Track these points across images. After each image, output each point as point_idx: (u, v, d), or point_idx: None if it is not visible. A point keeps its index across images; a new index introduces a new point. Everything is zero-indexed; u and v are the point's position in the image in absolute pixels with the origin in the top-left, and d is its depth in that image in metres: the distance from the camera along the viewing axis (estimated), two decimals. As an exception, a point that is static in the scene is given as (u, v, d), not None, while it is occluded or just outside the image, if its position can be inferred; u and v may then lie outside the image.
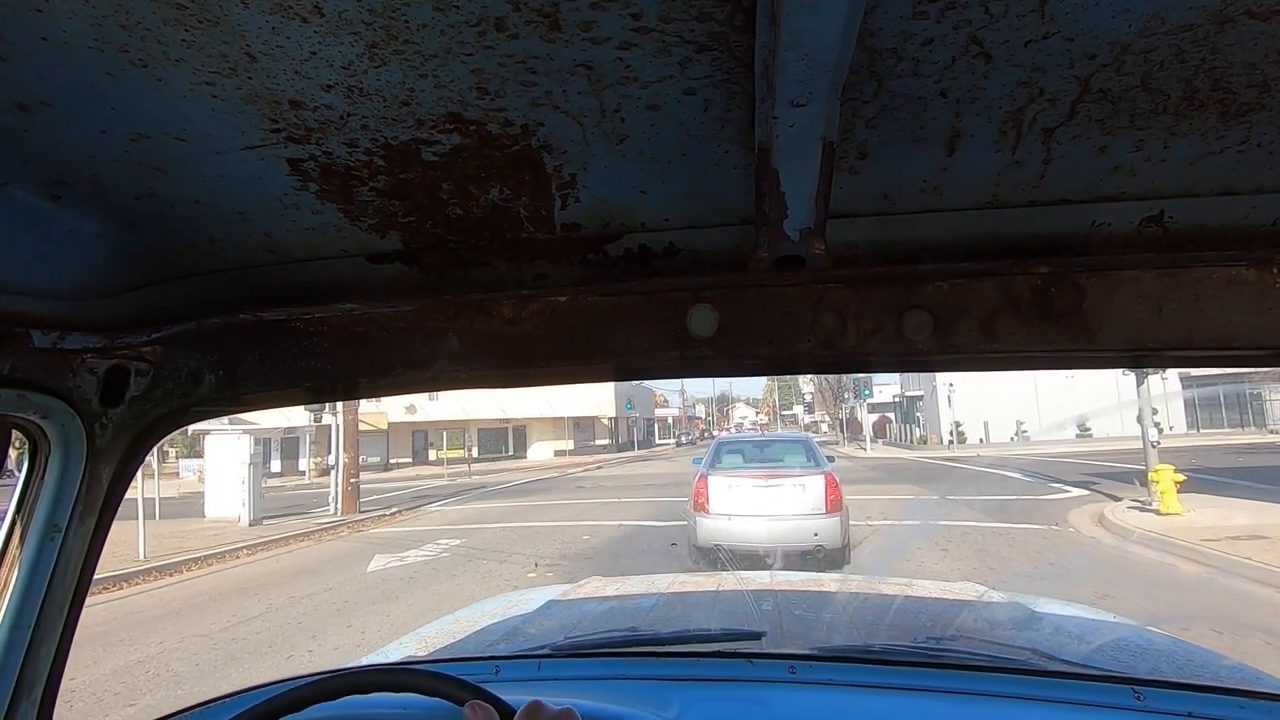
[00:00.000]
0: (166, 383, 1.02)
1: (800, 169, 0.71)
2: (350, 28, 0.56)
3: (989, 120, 0.70)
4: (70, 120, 0.66)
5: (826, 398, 57.16)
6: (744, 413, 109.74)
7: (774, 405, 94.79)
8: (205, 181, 0.78)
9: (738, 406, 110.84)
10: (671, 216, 0.88)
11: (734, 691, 1.39)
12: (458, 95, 0.66)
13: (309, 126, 0.70)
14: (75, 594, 1.01)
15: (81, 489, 0.98)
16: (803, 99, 0.61)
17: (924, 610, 2.24)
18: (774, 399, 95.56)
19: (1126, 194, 0.81)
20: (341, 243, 0.92)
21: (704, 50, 0.60)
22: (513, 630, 2.24)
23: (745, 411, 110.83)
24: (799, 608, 2.23)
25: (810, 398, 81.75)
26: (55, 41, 0.56)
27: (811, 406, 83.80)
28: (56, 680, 1.00)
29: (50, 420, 0.93)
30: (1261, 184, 0.78)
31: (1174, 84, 0.65)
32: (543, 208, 0.85)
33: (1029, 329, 0.85)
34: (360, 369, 0.99)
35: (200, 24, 0.55)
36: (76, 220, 0.82)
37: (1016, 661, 1.48)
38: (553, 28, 0.57)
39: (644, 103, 0.68)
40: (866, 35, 0.58)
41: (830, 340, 0.89)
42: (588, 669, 1.52)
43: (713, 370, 1.00)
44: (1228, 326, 0.81)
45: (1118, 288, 0.83)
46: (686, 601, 2.46)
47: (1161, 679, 1.33)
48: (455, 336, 0.97)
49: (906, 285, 0.87)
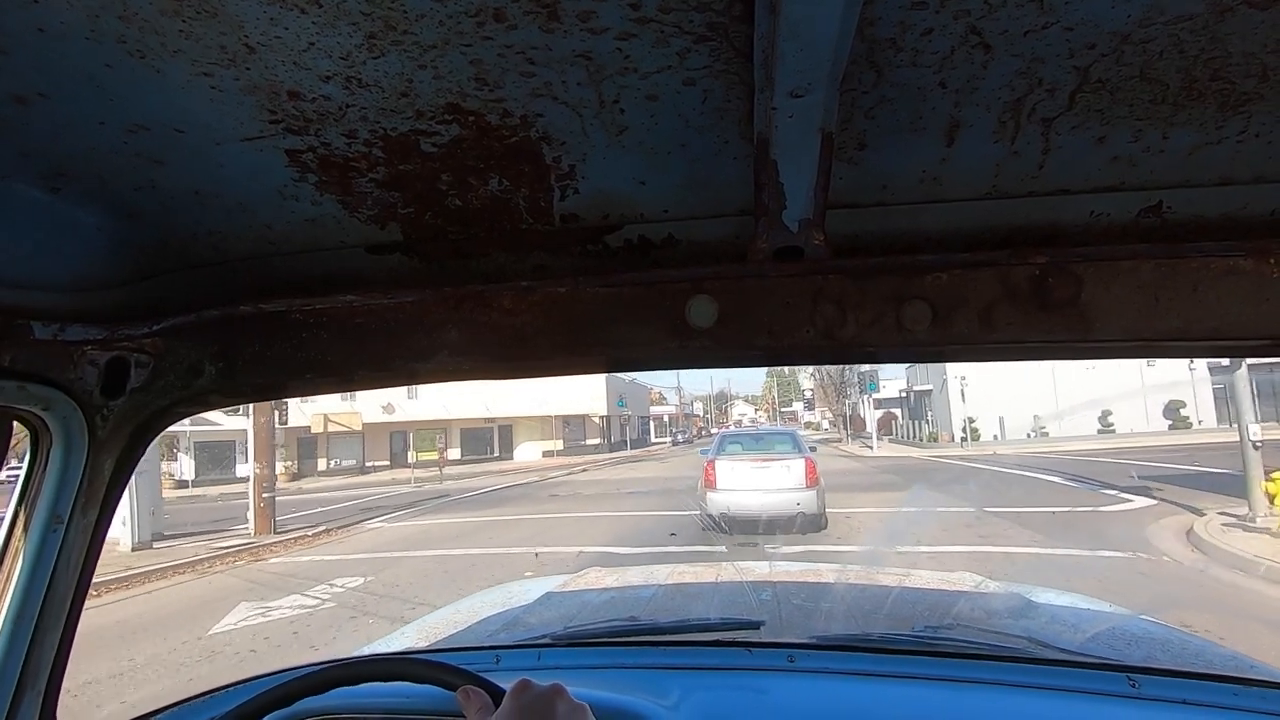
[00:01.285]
0: (167, 374, 1.03)
1: (799, 159, 0.71)
2: (349, 18, 0.56)
3: (988, 110, 0.70)
4: (68, 112, 0.66)
5: (828, 393, 54.25)
6: (743, 410, 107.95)
7: (773, 402, 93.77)
8: (204, 173, 0.78)
9: (736, 404, 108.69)
10: (671, 207, 0.88)
11: (733, 680, 1.40)
12: (457, 86, 0.66)
13: (308, 117, 0.69)
14: (78, 585, 1.01)
15: (83, 481, 0.98)
16: (802, 89, 0.61)
17: (922, 599, 2.25)
18: (773, 395, 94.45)
19: (1125, 184, 0.81)
20: (341, 234, 0.92)
21: (703, 40, 0.60)
22: (513, 620, 2.26)
23: (744, 409, 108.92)
24: (797, 597, 2.24)
25: (810, 394, 79.19)
26: (52, 33, 0.56)
27: (812, 403, 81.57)
28: (60, 672, 1.01)
29: (51, 412, 0.93)
30: (1260, 174, 0.78)
31: (1173, 74, 0.65)
32: (542, 199, 0.85)
33: (1027, 319, 0.85)
34: (360, 360, 1.00)
35: (198, 15, 0.55)
36: (76, 212, 0.82)
37: (1013, 650, 1.49)
38: (551, 18, 0.57)
39: (643, 93, 0.68)
40: (865, 25, 0.58)
41: (829, 330, 0.89)
42: (587, 658, 1.53)
43: (712, 361, 1.01)
44: (1225, 316, 0.81)
45: (1116, 278, 0.83)
46: (685, 591, 2.47)
47: (1156, 666, 1.35)
48: (455, 328, 0.97)
49: (905, 276, 0.87)
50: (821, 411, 76.05)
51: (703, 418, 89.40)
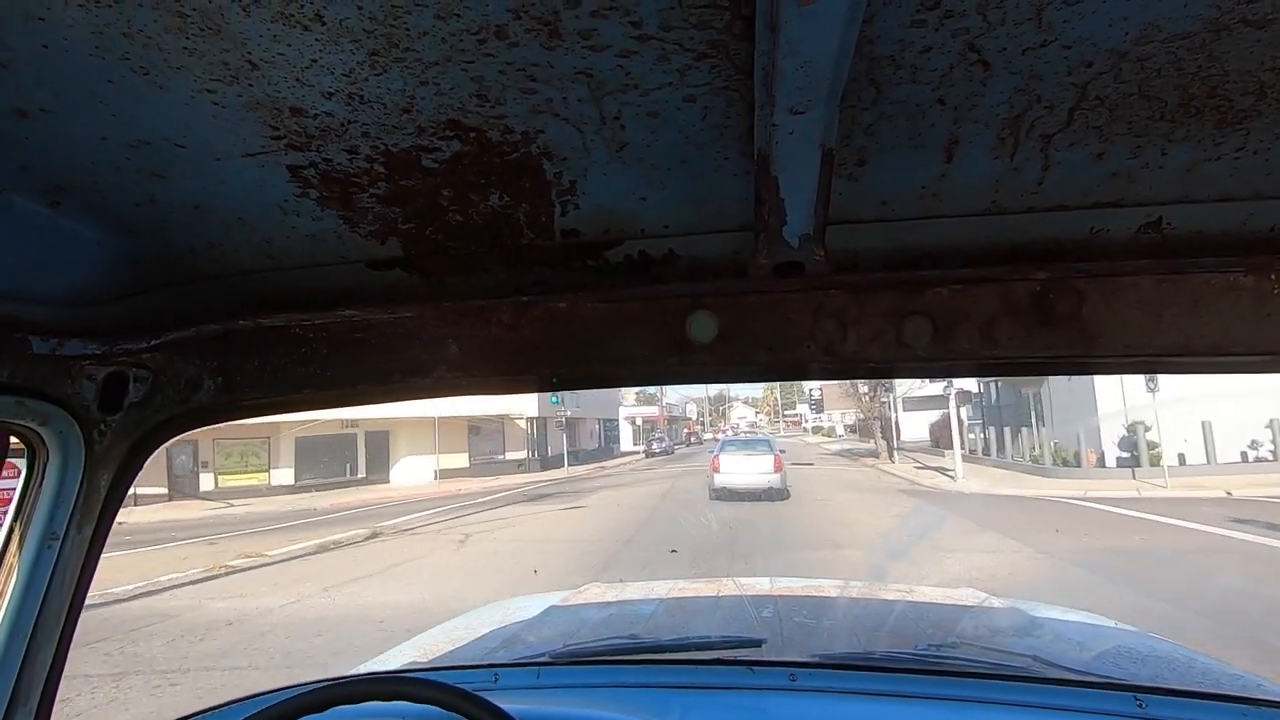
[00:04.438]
0: (166, 389, 1.02)
1: (800, 175, 0.71)
2: (351, 35, 0.56)
3: (987, 127, 0.71)
4: (71, 127, 0.66)
5: (856, 390, 34.19)
6: (742, 413, 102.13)
7: (775, 404, 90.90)
8: (205, 188, 0.79)
9: (735, 406, 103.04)
10: (671, 223, 0.88)
11: (734, 699, 1.39)
12: (458, 102, 0.66)
13: (309, 133, 0.70)
14: (73, 601, 1.00)
15: (79, 496, 0.98)
16: (802, 106, 0.61)
17: (925, 616, 2.23)
18: (775, 397, 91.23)
19: (1125, 200, 0.81)
20: (341, 249, 0.92)
21: (703, 58, 0.61)
22: (512, 637, 2.23)
23: (744, 412, 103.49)
24: (799, 614, 2.22)
25: (819, 394, 68.47)
26: (56, 48, 0.57)
27: (820, 404, 70.64)
28: (53, 688, 1.00)
29: (48, 427, 0.93)
30: (1259, 190, 0.78)
31: (1171, 91, 0.65)
32: (543, 214, 0.86)
33: (1028, 335, 0.85)
34: (360, 375, 0.99)
35: (201, 32, 0.55)
36: (76, 226, 0.82)
37: (1017, 669, 1.47)
38: (553, 35, 0.57)
39: (644, 110, 0.68)
40: (865, 43, 0.58)
41: (830, 346, 0.89)
42: (587, 677, 1.51)
43: (712, 376, 1.00)
44: (1226, 332, 0.81)
45: (1116, 294, 0.83)
46: (686, 608, 2.45)
47: (1164, 686, 1.33)
48: (455, 343, 0.97)
49: (906, 291, 0.87)
50: (840, 414, 64.03)
51: (697, 420, 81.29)
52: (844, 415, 64.24)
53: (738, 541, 10.48)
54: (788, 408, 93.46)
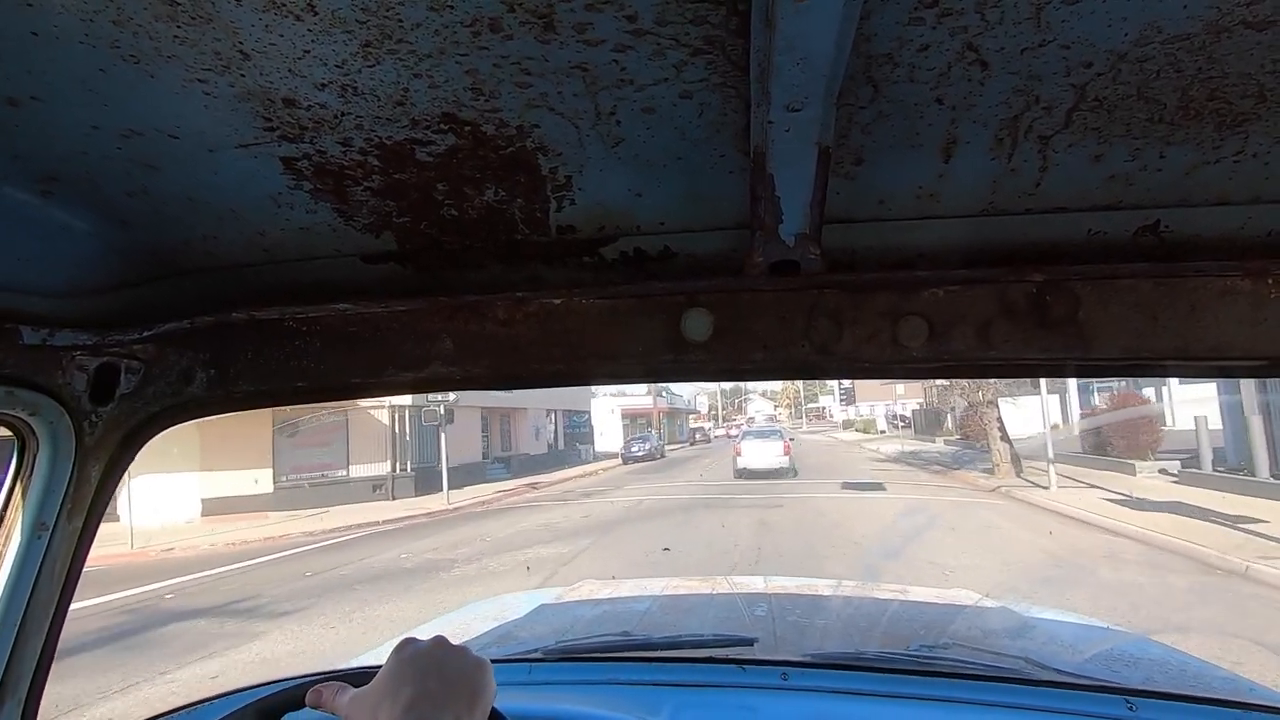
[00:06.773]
0: (158, 381, 1.02)
1: (796, 173, 0.71)
2: (344, 26, 0.56)
3: (985, 127, 0.70)
4: (61, 116, 0.66)
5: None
6: (760, 406, 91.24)
7: (796, 396, 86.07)
8: (198, 179, 0.78)
9: (752, 399, 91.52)
10: (667, 220, 0.88)
11: (725, 698, 1.39)
12: (452, 95, 0.66)
13: (303, 125, 0.69)
14: (62, 593, 1.00)
15: (69, 487, 0.97)
16: (798, 103, 0.61)
17: (918, 617, 2.23)
18: (797, 388, 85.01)
19: (1123, 203, 0.81)
20: (335, 242, 0.91)
21: (699, 54, 0.60)
22: (505, 633, 2.23)
23: (761, 405, 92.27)
24: (792, 613, 2.22)
25: (849, 383, 57.56)
26: (46, 36, 0.56)
27: (851, 395, 61.42)
28: (42, 681, 0.99)
29: (38, 417, 0.92)
30: (1257, 194, 0.78)
31: (1170, 93, 0.65)
32: (538, 209, 0.85)
33: (1024, 337, 0.85)
34: (353, 370, 0.99)
35: (193, 20, 0.55)
36: (68, 217, 0.82)
37: (1009, 670, 1.47)
38: (548, 29, 0.57)
39: (639, 105, 0.67)
40: (862, 40, 0.58)
41: (825, 345, 0.88)
42: (579, 673, 1.51)
43: (707, 374, 1.00)
44: (1223, 336, 0.81)
45: (1113, 296, 0.83)
46: (679, 606, 2.45)
47: (1155, 689, 1.33)
48: (449, 338, 0.96)
49: (902, 291, 0.87)
50: (870, 407, 52.24)
51: (708, 413, 71.86)
52: (887, 406, 52.08)
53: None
54: (810, 400, 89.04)
